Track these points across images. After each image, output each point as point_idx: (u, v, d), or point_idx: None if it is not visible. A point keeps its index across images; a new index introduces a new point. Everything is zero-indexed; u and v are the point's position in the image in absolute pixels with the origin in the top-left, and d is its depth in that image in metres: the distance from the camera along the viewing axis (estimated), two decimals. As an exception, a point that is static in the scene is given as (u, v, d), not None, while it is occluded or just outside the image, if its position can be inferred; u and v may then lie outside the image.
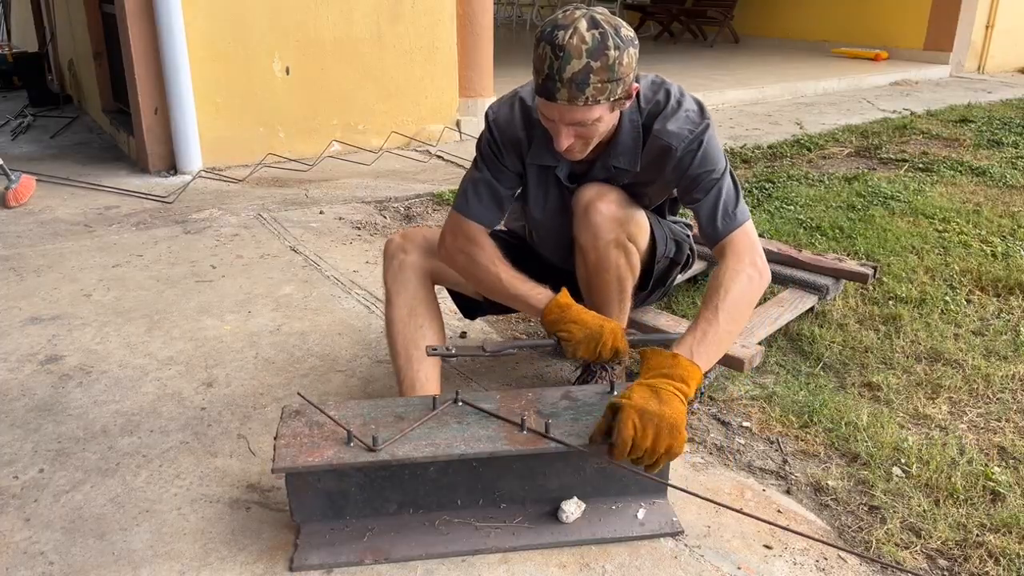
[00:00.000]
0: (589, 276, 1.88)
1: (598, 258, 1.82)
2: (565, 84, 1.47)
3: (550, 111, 1.55)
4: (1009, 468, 1.79)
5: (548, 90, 1.50)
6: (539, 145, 1.73)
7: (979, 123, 5.75)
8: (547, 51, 1.47)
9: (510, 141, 1.75)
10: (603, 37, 1.46)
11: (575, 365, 2.17)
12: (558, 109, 1.52)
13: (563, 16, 1.49)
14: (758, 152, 4.83)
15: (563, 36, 1.46)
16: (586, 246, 1.81)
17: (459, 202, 1.80)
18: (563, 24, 1.47)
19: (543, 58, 1.48)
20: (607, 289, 1.88)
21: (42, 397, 2.02)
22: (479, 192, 1.78)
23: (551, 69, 1.47)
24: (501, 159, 1.77)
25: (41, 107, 6.02)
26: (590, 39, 1.46)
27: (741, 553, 1.51)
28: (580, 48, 1.45)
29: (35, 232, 3.26)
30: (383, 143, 4.73)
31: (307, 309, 2.56)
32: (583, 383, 2.02)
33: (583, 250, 1.83)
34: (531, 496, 1.57)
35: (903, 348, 2.34)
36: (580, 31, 1.45)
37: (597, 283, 1.87)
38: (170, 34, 3.87)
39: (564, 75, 1.46)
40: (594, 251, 1.81)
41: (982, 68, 9.23)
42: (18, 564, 1.45)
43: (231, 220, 3.43)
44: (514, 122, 1.73)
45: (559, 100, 1.50)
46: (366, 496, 1.50)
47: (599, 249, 1.80)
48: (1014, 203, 3.81)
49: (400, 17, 4.60)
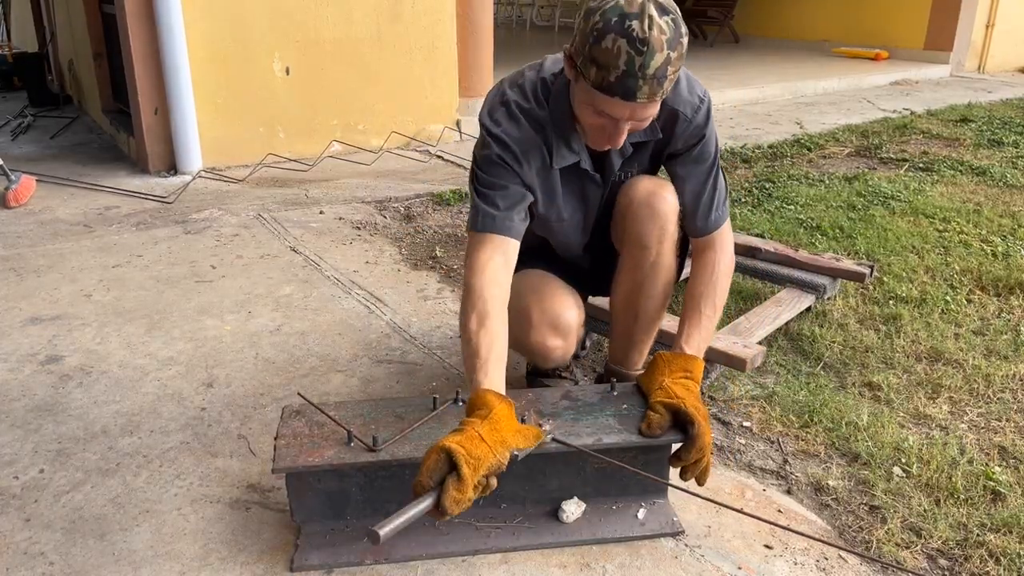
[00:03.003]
0: (642, 279, 1.71)
1: (659, 255, 1.67)
2: (648, 80, 1.32)
3: (618, 110, 1.38)
4: (1010, 468, 1.79)
5: (628, 89, 1.33)
6: (558, 146, 1.58)
7: (979, 123, 5.75)
8: (621, 45, 1.29)
9: (529, 151, 1.56)
10: (676, 23, 1.32)
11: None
12: (630, 108, 1.37)
13: (624, 1, 1.31)
14: (758, 152, 4.83)
15: (640, 27, 1.29)
16: (648, 241, 1.65)
17: (472, 218, 1.58)
18: (632, 12, 1.29)
19: (616, 53, 1.30)
20: (658, 298, 1.74)
21: (42, 397, 2.02)
22: (497, 200, 1.55)
23: (630, 66, 1.30)
24: (519, 172, 1.57)
25: (41, 107, 6.02)
26: (667, 27, 1.30)
27: (742, 553, 1.51)
28: (661, 39, 1.29)
29: (35, 232, 3.25)
30: (383, 143, 4.73)
31: (307, 309, 2.56)
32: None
33: (643, 246, 1.67)
34: (531, 496, 1.57)
35: (903, 348, 2.34)
36: (656, 19, 1.29)
37: (649, 289, 1.71)
38: (170, 34, 3.87)
39: (648, 71, 1.31)
40: (658, 246, 1.66)
41: (982, 68, 9.23)
42: (18, 564, 1.45)
43: (231, 220, 3.43)
44: (524, 129, 1.55)
45: (639, 99, 1.34)
46: (366, 496, 1.50)
47: (664, 244, 1.66)
48: (1014, 203, 3.81)
49: (400, 17, 4.60)
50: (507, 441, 1.30)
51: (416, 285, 2.78)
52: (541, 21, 14.04)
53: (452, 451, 1.24)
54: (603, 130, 1.45)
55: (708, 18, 10.80)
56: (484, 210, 1.54)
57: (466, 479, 1.23)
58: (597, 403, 1.60)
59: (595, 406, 1.59)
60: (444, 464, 1.24)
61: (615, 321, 1.86)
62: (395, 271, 2.91)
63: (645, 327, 1.81)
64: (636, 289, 1.74)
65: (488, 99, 1.61)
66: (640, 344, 1.86)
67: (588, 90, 1.39)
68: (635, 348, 1.87)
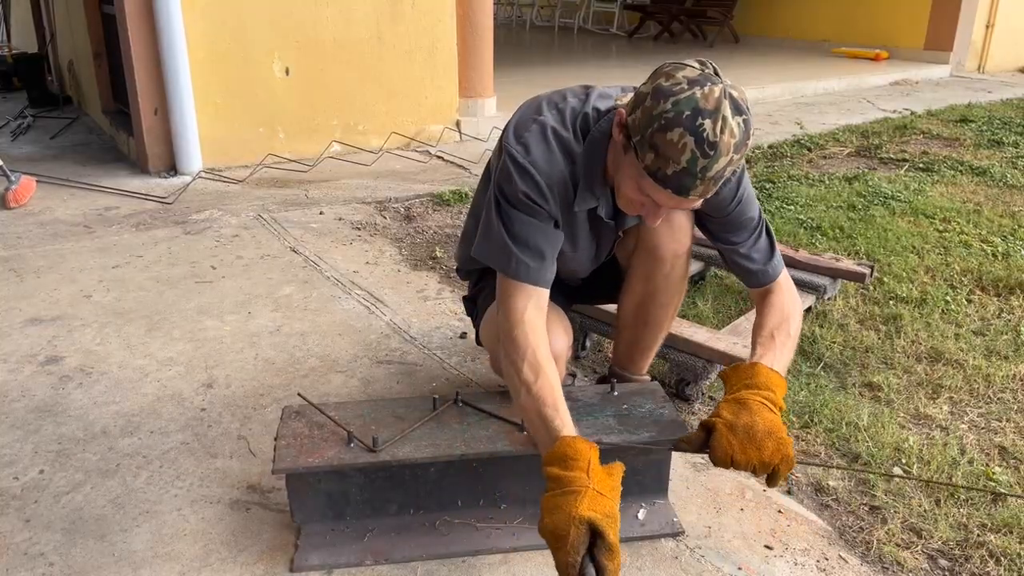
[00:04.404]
0: (655, 290, 1.69)
1: (673, 268, 1.66)
2: (705, 182, 1.25)
3: (665, 200, 1.32)
4: (1010, 468, 1.79)
5: (682, 186, 1.26)
6: (584, 189, 1.48)
7: (979, 123, 5.75)
8: (688, 143, 1.22)
9: (554, 185, 1.45)
10: (746, 125, 1.25)
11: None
12: (678, 200, 1.31)
13: (701, 93, 1.22)
14: (758, 152, 4.83)
15: (713, 129, 1.21)
16: (664, 253, 1.63)
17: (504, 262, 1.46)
18: (707, 110, 1.21)
19: (680, 150, 1.22)
20: (671, 307, 1.73)
21: (42, 398, 2.02)
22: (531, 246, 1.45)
23: (692, 165, 1.23)
24: (547, 208, 1.46)
25: (41, 108, 6.02)
26: (737, 130, 1.23)
27: (742, 553, 1.51)
28: (730, 144, 1.23)
29: (35, 233, 3.25)
30: (383, 143, 4.73)
31: (307, 310, 2.56)
32: None
33: (658, 258, 1.65)
34: (532, 497, 1.56)
35: (904, 348, 2.34)
36: (729, 122, 1.22)
37: (662, 298, 1.70)
38: (170, 35, 3.87)
39: (708, 174, 1.24)
40: (674, 259, 1.64)
41: (982, 68, 9.22)
42: (18, 565, 1.45)
43: (231, 221, 3.43)
44: (554, 160, 1.44)
45: (691, 196, 1.28)
46: (366, 497, 1.50)
47: (680, 257, 1.64)
48: (1015, 203, 3.81)
49: (400, 17, 4.60)
50: (615, 485, 1.26)
51: (416, 285, 2.78)
52: (541, 21, 14.03)
53: (594, 521, 1.17)
54: (641, 206, 1.40)
55: (708, 18, 10.79)
56: (520, 259, 1.45)
57: (614, 546, 1.18)
58: (597, 403, 1.60)
59: (595, 406, 1.59)
60: (587, 535, 1.18)
61: (624, 327, 1.84)
62: (395, 271, 2.91)
63: (655, 334, 1.82)
64: (648, 299, 1.72)
65: (520, 114, 1.51)
66: (648, 350, 1.86)
67: (638, 169, 1.31)
68: (643, 354, 1.87)
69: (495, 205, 1.48)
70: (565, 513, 1.19)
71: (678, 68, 1.27)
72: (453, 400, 1.60)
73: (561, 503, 1.21)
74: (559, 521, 1.19)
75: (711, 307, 2.58)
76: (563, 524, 1.18)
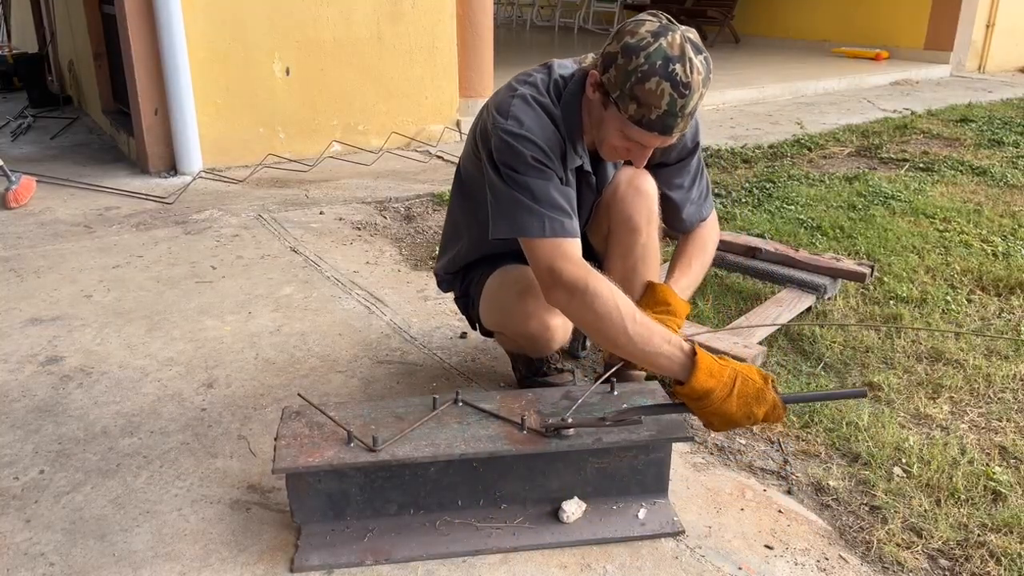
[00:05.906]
0: (635, 263, 1.75)
1: (649, 237, 1.73)
2: (684, 118, 1.44)
3: (652, 141, 1.49)
4: (1010, 468, 1.79)
5: (666, 126, 1.44)
6: (569, 147, 1.59)
7: (980, 122, 5.75)
8: (665, 88, 1.39)
9: (554, 148, 1.55)
10: (707, 61, 1.42)
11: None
12: (663, 139, 1.48)
13: (666, 43, 1.39)
14: (758, 152, 4.83)
15: (683, 71, 1.39)
16: (638, 221, 1.71)
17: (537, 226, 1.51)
18: (674, 56, 1.38)
19: (659, 95, 1.39)
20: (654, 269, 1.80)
21: (42, 398, 2.02)
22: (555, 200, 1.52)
23: (672, 106, 1.41)
24: (554, 168, 1.55)
25: (41, 108, 6.02)
26: (701, 67, 1.41)
27: (742, 553, 1.51)
28: (698, 80, 1.41)
29: (35, 233, 3.26)
30: (383, 143, 4.73)
31: (307, 310, 2.56)
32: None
33: (633, 228, 1.72)
34: (532, 496, 1.57)
35: (904, 348, 2.34)
36: (695, 61, 1.39)
37: (644, 272, 1.76)
38: (170, 35, 3.87)
39: (687, 110, 1.42)
40: (647, 227, 1.72)
41: (983, 67, 9.22)
42: (19, 565, 1.45)
43: (231, 221, 3.43)
44: (543, 123, 1.55)
45: (675, 134, 1.46)
46: (367, 497, 1.50)
47: (652, 225, 1.72)
48: (1015, 203, 3.81)
49: (400, 17, 4.60)
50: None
51: (416, 285, 2.78)
52: (541, 21, 14.04)
53: (773, 380, 1.47)
54: (627, 152, 1.54)
55: (708, 18, 10.79)
56: (553, 217, 1.50)
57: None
58: (597, 403, 1.60)
59: (595, 406, 1.59)
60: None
61: None
62: (395, 271, 2.91)
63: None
64: (630, 274, 1.75)
65: (495, 99, 1.60)
66: None
67: (622, 120, 1.46)
68: None
69: (505, 182, 1.54)
70: (755, 385, 1.44)
71: (639, 24, 1.43)
72: (453, 400, 1.60)
73: (744, 388, 1.43)
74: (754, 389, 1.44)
75: (711, 307, 2.58)
76: (761, 391, 1.44)
